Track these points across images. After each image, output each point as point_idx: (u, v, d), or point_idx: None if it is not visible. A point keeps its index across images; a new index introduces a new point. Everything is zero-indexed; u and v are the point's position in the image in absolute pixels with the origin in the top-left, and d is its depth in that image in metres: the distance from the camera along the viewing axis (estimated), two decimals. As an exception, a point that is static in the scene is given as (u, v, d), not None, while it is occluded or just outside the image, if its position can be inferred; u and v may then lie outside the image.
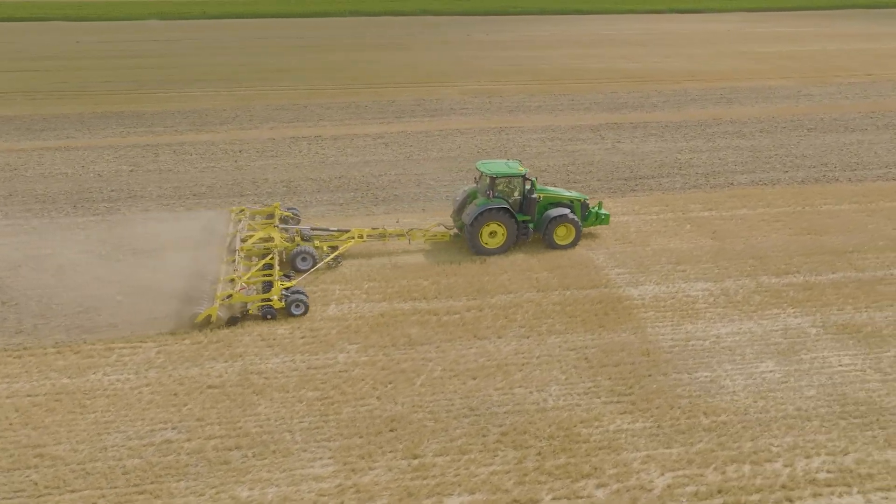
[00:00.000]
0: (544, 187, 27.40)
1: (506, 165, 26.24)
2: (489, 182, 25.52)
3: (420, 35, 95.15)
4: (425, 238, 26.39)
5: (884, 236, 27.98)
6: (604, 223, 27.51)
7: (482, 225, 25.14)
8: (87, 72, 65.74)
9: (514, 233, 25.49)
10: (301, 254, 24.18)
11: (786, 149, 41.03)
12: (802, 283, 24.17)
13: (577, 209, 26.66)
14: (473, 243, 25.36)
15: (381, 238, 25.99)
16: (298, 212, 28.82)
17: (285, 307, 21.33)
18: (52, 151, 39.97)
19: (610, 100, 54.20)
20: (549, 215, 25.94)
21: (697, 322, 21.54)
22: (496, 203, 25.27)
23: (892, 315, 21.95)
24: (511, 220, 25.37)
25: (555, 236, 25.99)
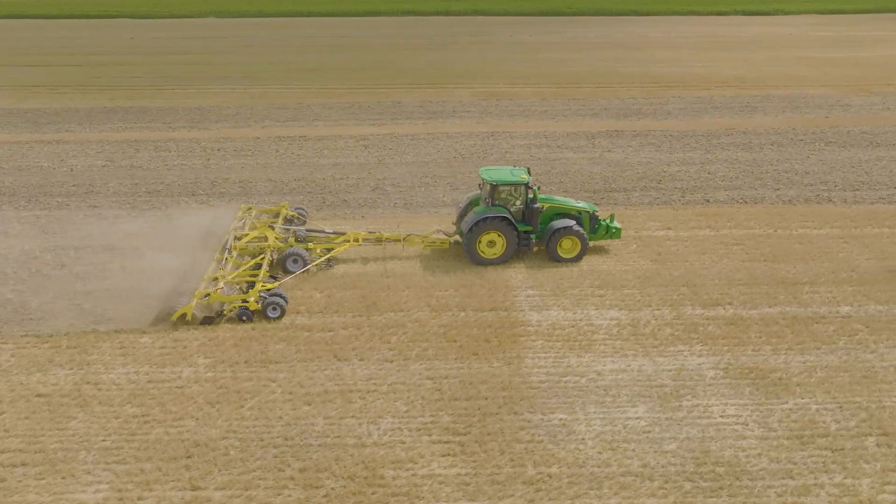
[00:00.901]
0: (551, 196, 26.29)
1: (509, 173, 25.40)
2: (489, 189, 24.68)
3: (463, 36, 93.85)
4: (423, 245, 25.61)
5: (849, 267, 25.02)
6: (615, 237, 26.00)
7: (480, 233, 24.28)
8: (123, 67, 67.85)
9: (513, 243, 24.54)
10: (292, 255, 23.93)
11: (790, 164, 37.70)
12: (729, 316, 21.80)
13: (585, 221, 25.36)
14: (470, 252, 24.57)
15: (377, 242, 25.46)
16: (306, 212, 28.85)
17: (261, 309, 20.97)
18: (42, 144, 41.16)
19: (624, 106, 51.55)
20: (553, 226, 24.81)
21: (585, 355, 19.66)
22: (496, 211, 24.41)
23: (811, 360, 19.42)
24: (511, 229, 24.42)
25: (559, 249, 24.82)
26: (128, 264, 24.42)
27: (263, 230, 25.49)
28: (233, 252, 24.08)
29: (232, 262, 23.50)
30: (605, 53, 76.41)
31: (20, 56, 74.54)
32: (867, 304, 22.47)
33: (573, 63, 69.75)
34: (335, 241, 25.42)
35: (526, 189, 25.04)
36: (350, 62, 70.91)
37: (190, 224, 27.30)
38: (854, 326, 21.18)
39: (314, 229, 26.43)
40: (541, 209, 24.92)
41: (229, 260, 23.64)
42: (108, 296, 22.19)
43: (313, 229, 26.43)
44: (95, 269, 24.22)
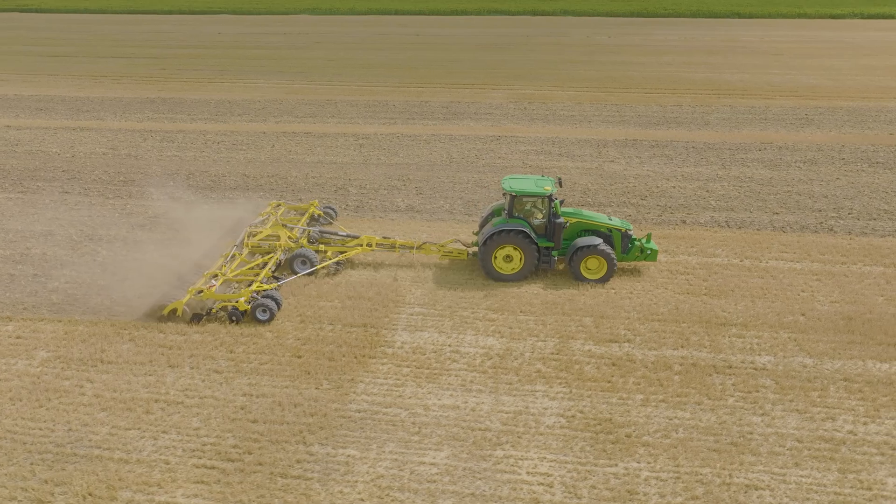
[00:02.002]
0: (578, 211, 24.30)
1: (533, 183, 23.48)
2: (509, 200, 23.15)
3: (538, 36, 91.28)
4: (440, 255, 24.25)
5: (801, 310, 21.48)
6: (650, 259, 23.72)
7: (496, 247, 22.74)
8: (190, 59, 70.94)
9: (532, 259, 22.84)
10: (300, 256, 23.37)
11: (809, 185, 33.36)
12: (618, 356, 19.18)
13: (616, 240, 23.37)
14: (485, 266, 23.06)
15: (391, 249, 24.39)
16: (334, 212, 28.32)
17: (251, 310, 20.41)
18: (66, 131, 43.38)
19: (662, 113, 47.89)
20: (577, 244, 22.86)
21: (426, 386, 17.85)
22: (514, 224, 22.83)
23: (679, 418, 16.62)
24: (529, 244, 22.70)
25: (582, 268, 22.88)
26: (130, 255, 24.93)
27: (277, 228, 24.96)
28: (244, 248, 23.69)
29: (240, 259, 23.06)
30: (679, 58, 71.71)
31: (110, 48, 79.71)
32: (794, 357, 19.11)
33: (636, 67, 65.92)
34: (348, 244, 24.49)
35: (549, 202, 23.17)
36: (405, 60, 70.56)
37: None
38: (760, 381, 18.02)
39: (328, 231, 25.49)
40: (564, 224, 23.08)
41: (237, 256, 23.22)
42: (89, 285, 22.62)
43: (327, 231, 25.48)
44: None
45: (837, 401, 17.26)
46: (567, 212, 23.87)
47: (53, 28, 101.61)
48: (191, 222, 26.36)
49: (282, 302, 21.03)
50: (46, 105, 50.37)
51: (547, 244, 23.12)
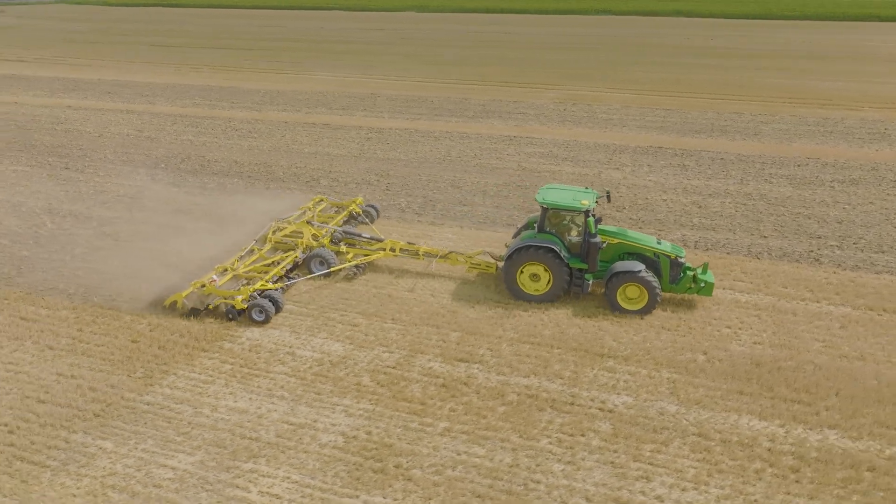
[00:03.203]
0: (622, 230, 21.22)
1: (571, 195, 20.78)
2: (541, 213, 20.71)
3: (630, 37, 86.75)
4: (468, 266, 22.27)
5: (705, 348, 18.37)
6: (704, 293, 20.40)
7: (521, 264, 20.39)
8: (275, 52, 73.81)
9: (562, 281, 20.21)
10: (317, 257, 22.28)
11: (830, 208, 28.91)
12: (456, 377, 17.27)
13: (663, 267, 20.31)
14: (509, 284, 20.76)
15: (415, 255, 22.68)
16: (376, 211, 27.16)
17: (247, 310, 19.56)
18: (108, 112, 46.28)
19: (712, 121, 43.67)
20: (615, 268, 20.04)
21: (234, 386, 16.91)
22: (543, 240, 20.33)
23: (472, 454, 14.57)
24: (559, 264, 20.11)
25: (620, 297, 19.96)
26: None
27: (302, 225, 24.05)
28: (266, 244, 23.15)
29: (258, 255, 22.35)
30: (776, 62, 65.49)
31: (212, 40, 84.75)
32: (657, 401, 16.31)
33: (713, 70, 60.94)
34: (370, 247, 23.14)
35: (585, 217, 20.27)
36: (477, 57, 69.38)
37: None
38: (596, 425, 15.48)
39: (352, 232, 24.06)
40: (600, 244, 20.16)
41: (256, 251, 22.58)
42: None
43: (351, 231, 24.06)
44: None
45: (671, 458, 14.48)
46: (608, 231, 20.87)
47: (178, 21, 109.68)
48: (226, 212, 26.25)
49: (282, 303, 20.05)
50: (114, 89, 54.03)
51: (580, 265, 20.27)
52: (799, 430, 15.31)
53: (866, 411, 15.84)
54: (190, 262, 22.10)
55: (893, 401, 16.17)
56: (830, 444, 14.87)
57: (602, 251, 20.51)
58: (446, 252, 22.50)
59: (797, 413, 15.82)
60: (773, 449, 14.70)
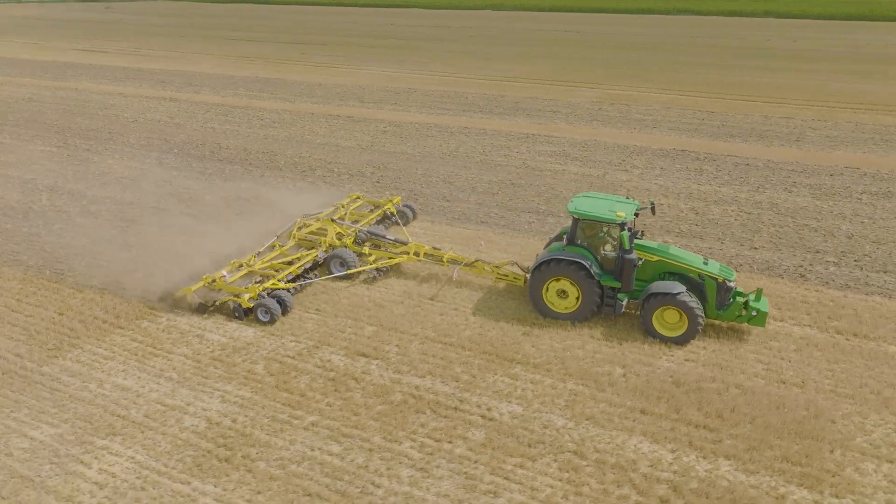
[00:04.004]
0: (664, 247, 18.80)
1: (607, 205, 18.48)
2: (572, 224, 18.68)
3: (707, 38, 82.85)
4: (494, 277, 20.50)
5: (624, 362, 16.91)
6: (756, 323, 17.76)
7: (548, 279, 18.48)
8: (339, 46, 75.22)
9: (591, 299, 18.19)
10: (336, 257, 21.12)
11: (845, 221, 26.33)
12: (348, 371, 16.65)
13: (709, 290, 17.85)
14: (534, 299, 18.88)
15: (439, 261, 21.09)
16: (412, 211, 25.94)
17: (253, 310, 18.73)
18: (150, 100, 48.28)
19: (754, 125, 40.94)
20: (652, 289, 17.71)
21: (129, 363, 16.99)
22: (572, 254, 18.32)
23: (327, 451, 13.94)
24: (589, 280, 18.07)
25: (656, 321, 17.68)
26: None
27: (327, 223, 23.04)
28: (289, 240, 22.31)
29: (278, 251, 21.50)
30: (853, 66, 60.69)
31: (288, 34, 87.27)
32: (548, 413, 15.07)
33: (778, 73, 57.33)
34: (394, 250, 21.88)
35: (621, 231, 17.93)
36: (533, 55, 68.17)
37: None
38: (469, 433, 14.45)
39: (376, 233, 22.61)
40: (636, 262, 17.91)
41: (278, 248, 21.73)
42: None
43: (375, 232, 22.61)
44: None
45: (531, 475, 13.32)
46: (647, 246, 18.56)
47: (260, 17, 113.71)
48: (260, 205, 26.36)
49: (291, 304, 19.06)
50: (168, 79, 56.40)
51: (613, 283, 18.11)
52: (690, 458, 13.78)
53: (777, 444, 14.08)
54: (151, 245, 22.60)
55: (813, 435, 14.31)
56: (718, 476, 13.29)
57: (639, 269, 18.23)
58: (472, 260, 20.67)
59: (696, 439, 14.26)
60: (649, 475, 13.28)
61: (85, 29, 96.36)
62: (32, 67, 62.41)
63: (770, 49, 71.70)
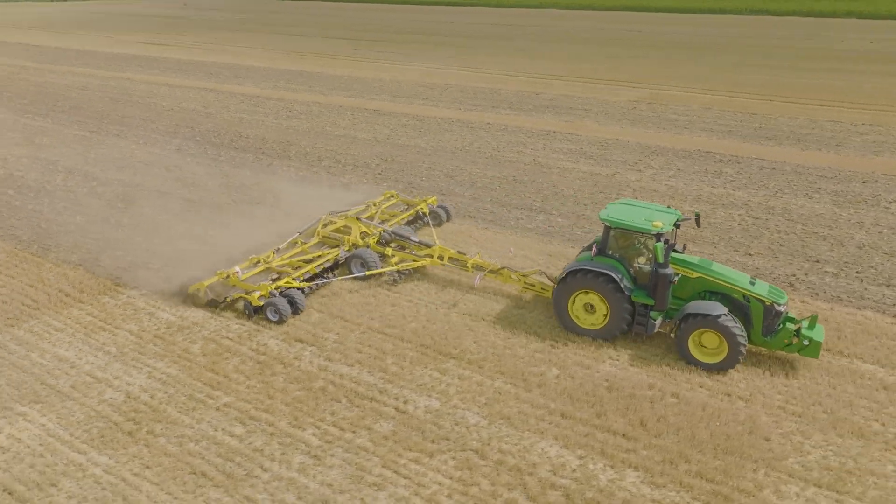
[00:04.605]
0: (706, 262, 16.92)
1: (643, 214, 16.81)
2: (603, 232, 17.13)
3: (787, 38, 78.95)
4: (521, 286, 19.08)
5: (562, 364, 16.15)
6: (808, 354, 15.70)
7: (574, 291, 16.98)
8: (393, 43, 75.83)
9: (621, 316, 16.57)
10: (357, 258, 20.14)
11: (862, 230, 24.49)
12: (280, 357, 16.56)
13: (754, 313, 16.01)
14: (559, 312, 17.41)
15: (463, 267, 19.82)
16: (446, 212, 24.72)
17: (263, 308, 18.02)
18: (196, 90, 49.82)
19: (796, 128, 38.73)
20: (688, 309, 15.94)
21: (78, 336, 17.49)
22: (601, 265, 16.73)
23: (228, 433, 13.93)
24: (618, 295, 16.44)
25: (692, 344, 15.91)
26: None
27: (351, 221, 21.92)
28: (313, 237, 21.49)
29: (300, 248, 20.65)
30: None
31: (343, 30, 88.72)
32: (465, 409, 14.53)
33: (840, 75, 54.02)
34: (418, 252, 20.70)
35: (660, 242, 15.92)
36: (586, 54, 66.72)
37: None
38: (377, 425, 14.12)
39: (401, 234, 21.39)
40: (672, 278, 16.12)
41: (300, 244, 20.89)
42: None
43: (400, 233, 21.40)
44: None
45: (424, 471, 12.85)
46: (686, 261, 16.83)
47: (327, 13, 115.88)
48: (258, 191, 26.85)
49: (303, 305, 18.30)
50: (217, 71, 58.13)
51: (646, 300, 16.42)
52: (597, 466, 13.00)
53: (696, 458, 13.11)
54: (140, 226, 23.35)
55: (740, 452, 13.24)
56: (619, 487, 12.47)
57: (676, 286, 16.60)
58: (498, 267, 19.32)
59: (610, 447, 13.44)
60: (546, 481, 12.60)
61: (156, 24, 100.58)
62: (97, 59, 65.58)
63: (843, 51, 67.69)
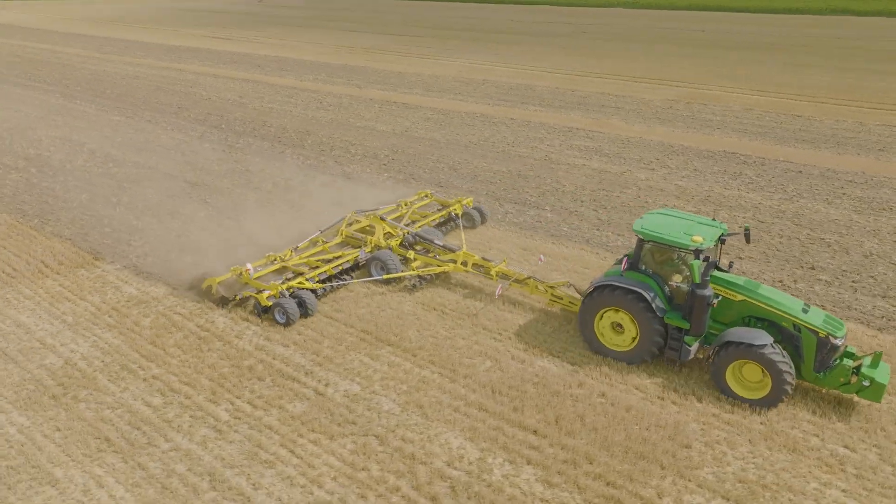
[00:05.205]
0: (753, 284, 14.84)
1: (684, 226, 14.93)
2: (636, 245, 15.38)
3: (865, 39, 74.75)
4: (548, 299, 17.54)
5: (501, 357, 15.68)
6: (869, 397, 13.61)
7: (600, 308, 15.39)
8: (445, 39, 76.05)
9: (652, 338, 14.87)
10: (377, 260, 19.05)
11: (873, 240, 22.87)
12: (226, 335, 16.76)
13: (806, 345, 13.97)
14: (585, 330, 15.80)
15: (486, 274, 18.44)
16: (480, 214, 23.31)
17: (270, 309, 17.22)
18: (237, 81, 51.22)
19: (844, 132, 36.59)
20: (727, 336, 14.04)
21: (31, 307, 18.19)
22: (631, 281, 15.06)
23: (152, 406, 14.21)
24: (649, 315, 14.79)
25: (730, 376, 14.07)
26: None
27: (375, 221, 20.75)
28: (336, 236, 20.49)
29: (321, 247, 19.77)
30: None
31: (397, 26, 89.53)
32: (379, 396, 14.28)
33: None
34: (441, 257, 19.45)
35: (698, 259, 14.26)
36: (639, 52, 65.01)
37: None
38: (291, 405, 14.05)
39: (425, 236, 20.16)
40: (711, 300, 14.20)
41: (321, 243, 19.98)
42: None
43: (424, 236, 20.17)
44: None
45: (319, 453, 12.72)
46: (730, 282, 14.77)
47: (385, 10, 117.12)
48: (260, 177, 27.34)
49: (313, 307, 17.33)
50: (263, 63, 59.58)
51: (680, 323, 14.65)
52: (496, 461, 12.56)
53: (603, 460, 12.48)
54: (134, 204, 24.33)
55: (653, 458, 12.52)
56: (511, 484, 12.00)
57: (717, 309, 14.71)
58: (524, 277, 17.82)
59: (515, 442, 12.97)
60: (438, 471, 12.27)
61: (225, 19, 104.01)
62: (157, 50, 68.34)
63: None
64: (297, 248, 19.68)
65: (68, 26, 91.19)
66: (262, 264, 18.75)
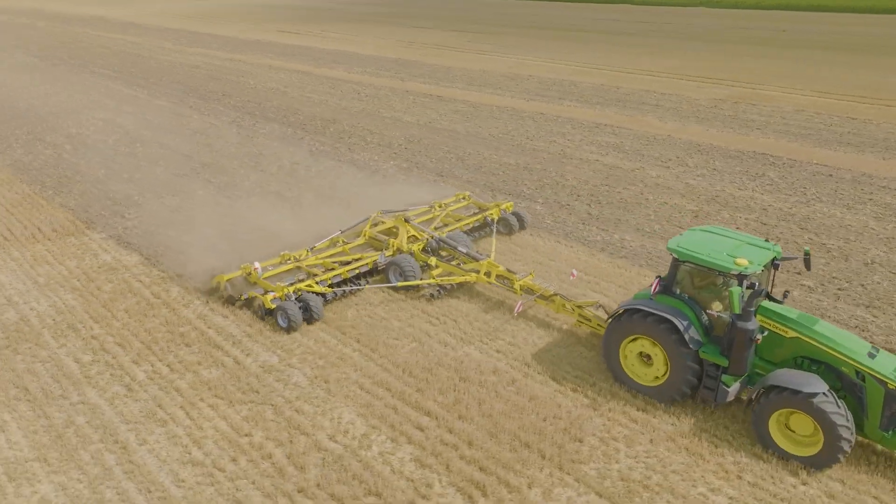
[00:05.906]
0: (809, 319, 12.60)
1: (730, 245, 12.88)
2: (671, 265, 13.38)
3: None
4: (575, 318, 15.68)
5: (428, 341, 15.50)
6: None
7: (627, 335, 13.61)
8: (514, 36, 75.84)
9: (684, 374, 12.90)
10: (395, 266, 17.84)
11: (890, 251, 21.23)
12: (189, 317, 17.35)
13: (871, 397, 11.78)
14: (608, 356, 14.05)
15: (510, 287, 16.84)
16: (520, 221, 21.75)
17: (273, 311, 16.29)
18: (288, 72, 52.71)
19: (878, 133, 34.24)
20: (772, 379, 11.92)
21: (24, 275, 19.38)
22: (662, 307, 13.17)
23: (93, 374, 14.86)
24: (681, 349, 12.85)
25: (773, 426, 11.97)
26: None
27: (400, 223, 19.49)
28: (359, 237, 19.50)
29: (341, 248, 18.82)
30: None
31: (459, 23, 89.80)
32: (294, 369, 14.42)
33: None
34: (464, 266, 17.99)
35: (742, 286, 12.18)
36: (704, 50, 62.73)
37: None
38: (207, 373, 14.41)
39: (449, 242, 18.71)
40: (754, 335, 12.21)
41: (340, 244, 19.05)
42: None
43: (448, 242, 18.72)
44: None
45: (209, 419, 12.99)
46: (782, 315, 12.58)
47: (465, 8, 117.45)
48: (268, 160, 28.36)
49: (319, 313, 16.28)
50: (318, 56, 60.99)
51: (718, 359, 12.69)
52: (379, 438, 12.49)
53: (487, 446, 12.21)
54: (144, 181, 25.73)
55: (539, 448, 12.13)
56: (385, 461, 11.91)
57: (765, 345, 12.64)
58: (550, 293, 16.15)
59: (405, 423, 12.84)
60: (318, 443, 12.34)
61: (298, 14, 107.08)
62: (226, 43, 71.15)
63: None
64: (313, 248, 18.59)
65: (157, 21, 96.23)
66: (276, 263, 17.82)
